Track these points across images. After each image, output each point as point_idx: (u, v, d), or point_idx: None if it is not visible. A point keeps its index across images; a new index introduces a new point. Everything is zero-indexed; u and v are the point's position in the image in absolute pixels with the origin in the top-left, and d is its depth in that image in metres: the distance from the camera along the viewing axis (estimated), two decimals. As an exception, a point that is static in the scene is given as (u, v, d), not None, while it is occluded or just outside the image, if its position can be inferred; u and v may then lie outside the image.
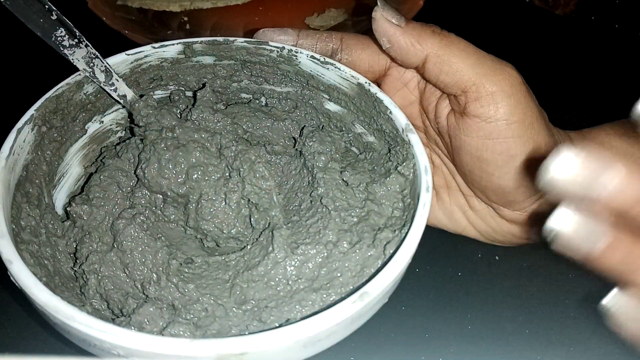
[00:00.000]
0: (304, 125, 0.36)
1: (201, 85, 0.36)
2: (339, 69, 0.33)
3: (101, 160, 0.34)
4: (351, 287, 0.27)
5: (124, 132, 0.36)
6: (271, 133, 0.36)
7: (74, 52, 0.31)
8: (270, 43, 0.34)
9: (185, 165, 0.31)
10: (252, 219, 0.32)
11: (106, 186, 0.31)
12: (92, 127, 0.34)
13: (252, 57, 0.35)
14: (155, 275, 0.28)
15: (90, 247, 0.29)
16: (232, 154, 0.32)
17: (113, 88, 0.32)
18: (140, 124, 0.33)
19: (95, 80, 0.32)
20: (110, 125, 0.35)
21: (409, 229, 0.26)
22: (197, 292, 0.27)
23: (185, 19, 0.57)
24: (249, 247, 0.30)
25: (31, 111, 0.29)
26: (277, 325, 0.26)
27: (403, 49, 0.30)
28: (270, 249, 0.28)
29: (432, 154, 0.36)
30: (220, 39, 0.34)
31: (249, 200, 0.32)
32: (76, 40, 0.31)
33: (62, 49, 0.31)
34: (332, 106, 0.36)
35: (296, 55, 0.34)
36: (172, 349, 0.21)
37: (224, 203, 0.31)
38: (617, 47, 0.60)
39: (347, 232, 0.29)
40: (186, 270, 0.29)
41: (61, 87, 0.31)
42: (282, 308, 0.27)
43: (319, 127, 0.36)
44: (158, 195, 0.32)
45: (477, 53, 0.30)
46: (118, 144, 0.35)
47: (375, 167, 0.33)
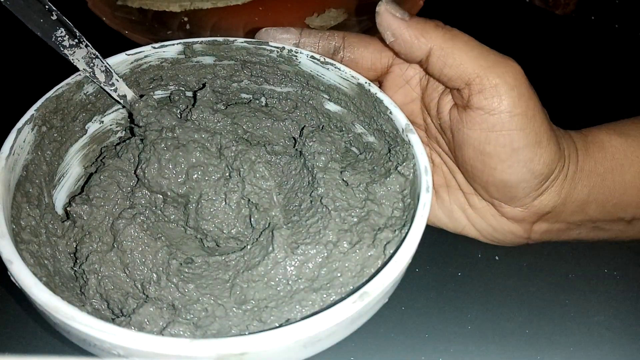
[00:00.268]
0: (304, 126, 0.36)
1: (201, 86, 0.36)
2: (339, 69, 0.33)
3: (101, 160, 0.34)
4: (351, 287, 0.27)
5: (124, 132, 0.36)
6: (271, 133, 0.36)
7: (74, 52, 0.31)
8: (271, 43, 0.34)
9: (185, 165, 0.31)
10: (252, 219, 0.32)
11: (106, 186, 0.31)
12: (92, 127, 0.34)
13: (252, 57, 0.35)
14: (155, 275, 0.28)
15: (90, 247, 0.29)
16: (232, 154, 0.32)
17: (113, 88, 0.32)
18: (140, 124, 0.33)
19: (95, 80, 0.32)
20: (111, 125, 0.35)
21: (409, 229, 0.26)
22: (197, 292, 0.27)
23: (185, 19, 0.57)
24: (249, 247, 0.30)
25: (31, 111, 0.29)
26: (277, 325, 0.26)
27: (407, 43, 0.31)
28: (270, 249, 0.28)
29: (432, 152, 0.36)
30: (220, 39, 0.34)
31: (249, 200, 0.32)
32: (76, 40, 0.31)
33: (62, 49, 0.31)
34: (332, 106, 0.36)
35: (296, 56, 0.34)
36: (172, 349, 0.21)
37: (224, 203, 0.31)
38: (617, 47, 0.60)
39: (347, 232, 0.29)
40: (186, 270, 0.29)
41: (61, 87, 0.31)
42: (282, 308, 0.27)
43: (319, 127, 0.36)
44: (158, 195, 0.32)
45: (480, 47, 0.31)
46: (118, 144, 0.35)
47: (375, 167, 0.33)
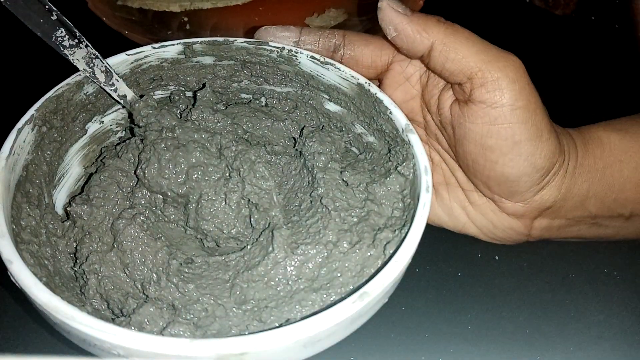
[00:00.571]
0: (304, 126, 0.36)
1: (201, 86, 0.36)
2: (339, 69, 0.33)
3: (101, 160, 0.34)
4: (351, 287, 0.27)
5: (124, 132, 0.36)
6: (271, 133, 0.36)
7: (74, 52, 0.31)
8: (271, 43, 0.34)
9: (185, 166, 0.31)
10: (252, 219, 0.32)
11: (106, 186, 0.31)
12: (92, 127, 0.34)
13: (252, 57, 0.35)
14: (155, 275, 0.28)
15: (91, 247, 0.29)
16: (232, 154, 0.32)
17: (113, 88, 0.32)
18: (140, 124, 0.33)
19: (95, 80, 0.32)
20: (111, 125, 0.35)
21: (409, 229, 0.26)
22: (197, 292, 0.27)
23: (185, 19, 0.57)
24: (249, 247, 0.30)
25: (31, 111, 0.29)
26: (277, 325, 0.26)
27: (409, 37, 0.31)
28: (270, 249, 0.28)
29: (431, 150, 0.36)
30: (220, 39, 0.34)
31: (249, 200, 0.32)
32: (76, 40, 0.31)
33: (62, 49, 0.31)
34: (332, 106, 0.36)
35: (296, 56, 0.34)
36: (172, 349, 0.21)
37: (224, 203, 0.31)
38: (617, 47, 0.60)
39: (347, 232, 0.29)
40: (186, 270, 0.29)
41: (61, 87, 0.31)
42: (282, 308, 0.27)
43: (319, 127, 0.36)
44: (158, 195, 0.32)
45: (481, 41, 0.31)
46: (118, 144, 0.35)
47: (375, 167, 0.33)
